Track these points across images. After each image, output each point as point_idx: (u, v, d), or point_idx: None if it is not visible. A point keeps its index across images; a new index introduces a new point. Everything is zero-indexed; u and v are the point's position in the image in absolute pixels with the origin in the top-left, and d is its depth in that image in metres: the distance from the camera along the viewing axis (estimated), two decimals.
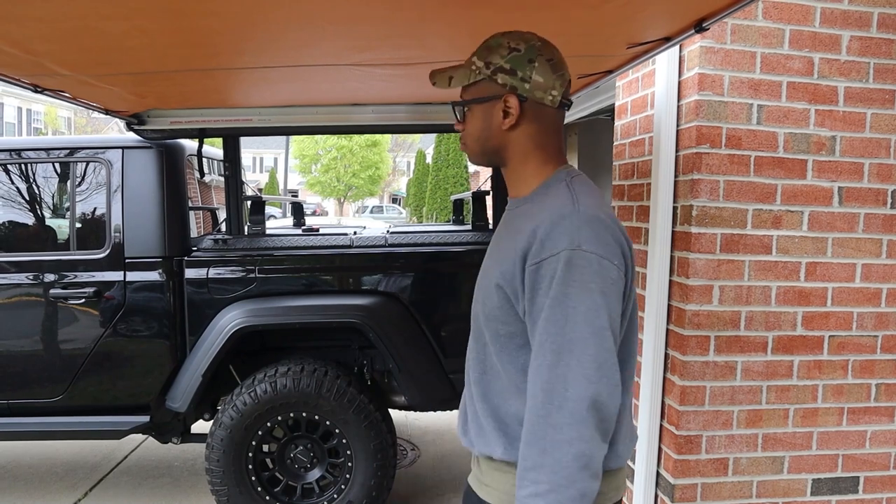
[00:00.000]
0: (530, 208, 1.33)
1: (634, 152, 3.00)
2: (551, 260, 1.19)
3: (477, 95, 1.36)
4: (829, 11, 2.53)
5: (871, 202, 2.63)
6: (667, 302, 2.69)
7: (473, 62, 1.35)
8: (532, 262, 1.22)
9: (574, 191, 1.28)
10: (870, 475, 2.76)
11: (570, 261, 1.18)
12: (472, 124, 1.39)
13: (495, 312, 1.31)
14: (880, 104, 2.59)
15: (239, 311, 3.19)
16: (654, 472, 2.78)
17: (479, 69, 1.34)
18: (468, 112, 1.39)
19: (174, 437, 3.51)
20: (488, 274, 1.37)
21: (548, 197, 1.31)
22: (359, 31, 1.93)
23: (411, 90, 2.94)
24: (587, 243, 1.19)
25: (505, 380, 1.33)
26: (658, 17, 1.88)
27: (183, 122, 3.36)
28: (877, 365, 2.71)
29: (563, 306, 1.18)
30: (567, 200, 1.26)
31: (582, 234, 1.20)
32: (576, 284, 1.18)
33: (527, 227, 1.26)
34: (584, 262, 1.18)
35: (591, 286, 1.18)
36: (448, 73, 1.38)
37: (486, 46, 1.35)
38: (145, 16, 1.72)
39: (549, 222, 1.22)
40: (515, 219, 1.37)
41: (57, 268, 3.24)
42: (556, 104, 1.34)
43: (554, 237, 1.20)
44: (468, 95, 1.38)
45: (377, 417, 3.16)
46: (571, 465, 1.16)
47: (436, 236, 3.47)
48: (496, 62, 1.32)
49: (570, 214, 1.22)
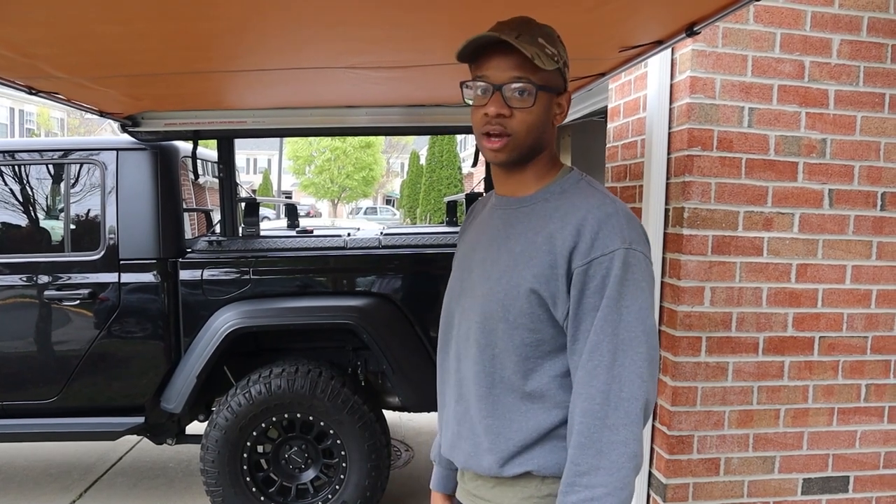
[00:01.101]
0: (546, 207, 1.27)
1: (627, 154, 3.02)
2: (603, 259, 1.16)
3: (549, 83, 1.23)
4: (819, 15, 2.55)
5: (861, 204, 2.66)
6: (659, 303, 2.71)
7: (546, 47, 1.20)
8: (582, 261, 1.17)
9: (598, 189, 1.27)
10: (860, 475, 2.79)
11: (626, 260, 1.16)
12: (535, 112, 1.22)
13: (522, 319, 1.23)
14: (870, 107, 2.62)
15: (233, 312, 3.19)
16: (647, 471, 2.79)
17: (557, 56, 1.23)
18: (537, 98, 1.22)
19: (169, 438, 3.51)
20: (505, 279, 1.26)
21: (570, 196, 1.26)
22: (352, 34, 1.94)
23: (405, 92, 2.96)
24: (636, 242, 1.18)
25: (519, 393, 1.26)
26: (650, 21, 1.90)
27: (177, 124, 3.36)
28: (867, 365, 2.74)
29: (618, 306, 1.15)
30: (604, 198, 1.23)
31: (629, 233, 1.18)
32: (630, 284, 1.16)
33: (560, 227, 1.21)
34: (635, 260, 1.17)
35: (642, 285, 1.17)
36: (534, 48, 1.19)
37: (546, 34, 1.23)
38: (142, 20, 1.73)
39: (595, 220, 1.18)
40: (523, 218, 1.29)
41: (51, 269, 3.24)
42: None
43: (604, 236, 1.16)
44: (539, 80, 1.21)
45: (371, 418, 3.18)
46: (626, 467, 1.14)
47: (429, 238, 3.48)
48: (563, 55, 1.25)
49: (615, 213, 1.19)
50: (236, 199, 3.69)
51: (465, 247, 1.44)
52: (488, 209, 1.41)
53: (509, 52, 1.19)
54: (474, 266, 1.35)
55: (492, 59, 1.21)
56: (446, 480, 1.58)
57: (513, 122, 1.22)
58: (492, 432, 1.28)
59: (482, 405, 1.30)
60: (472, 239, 1.42)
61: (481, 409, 1.30)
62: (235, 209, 3.72)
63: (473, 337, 1.30)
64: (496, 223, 1.35)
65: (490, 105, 1.21)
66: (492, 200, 1.41)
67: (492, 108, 1.21)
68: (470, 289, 1.34)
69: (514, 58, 1.19)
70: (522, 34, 1.19)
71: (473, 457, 1.32)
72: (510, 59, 1.19)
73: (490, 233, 1.35)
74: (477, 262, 1.34)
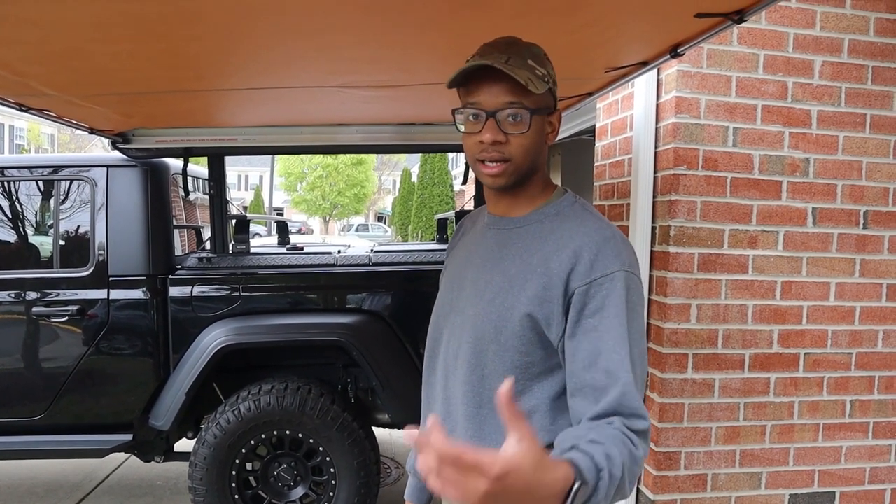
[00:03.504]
0: (541, 229, 1.26)
1: (614, 173, 3.05)
2: (603, 280, 1.15)
3: (541, 105, 1.22)
4: (801, 37, 2.60)
5: (844, 222, 2.70)
6: (646, 320, 2.73)
7: (535, 69, 1.19)
8: (581, 282, 1.15)
9: (593, 213, 1.27)
10: (845, 490, 2.81)
11: (626, 282, 1.15)
12: (531, 135, 1.21)
13: (514, 342, 1.21)
14: (852, 127, 2.67)
15: (223, 329, 3.19)
16: (635, 488, 2.80)
17: (548, 77, 1.22)
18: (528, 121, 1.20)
19: (157, 455, 3.49)
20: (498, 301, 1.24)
21: (566, 218, 1.26)
22: (341, 54, 1.96)
23: (396, 111, 2.98)
24: (633, 266, 1.19)
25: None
26: (634, 43, 1.93)
27: (168, 141, 3.37)
28: (851, 382, 2.76)
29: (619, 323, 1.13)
30: (600, 222, 1.23)
31: (629, 257, 1.19)
32: (629, 306, 1.15)
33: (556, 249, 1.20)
34: (634, 285, 1.17)
35: (639, 309, 1.18)
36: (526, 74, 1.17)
37: (535, 55, 1.22)
38: (132, 40, 1.75)
39: (594, 243, 1.18)
40: (517, 238, 1.28)
41: (40, 285, 3.23)
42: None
43: (603, 258, 1.16)
44: (531, 103, 1.19)
45: (361, 435, 3.17)
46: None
47: (419, 255, 3.50)
48: (552, 74, 1.25)
49: (613, 237, 1.19)
50: (227, 215, 3.70)
51: (456, 264, 1.42)
52: (480, 227, 1.40)
53: (500, 78, 1.17)
54: (466, 284, 1.33)
55: (482, 84, 1.19)
56: (420, 492, 1.59)
57: (510, 148, 1.20)
58: None
59: (470, 425, 1.28)
60: (462, 256, 1.40)
61: (468, 428, 1.28)
62: (226, 226, 3.73)
63: (463, 356, 1.29)
64: (489, 243, 1.33)
65: (485, 132, 1.19)
66: (484, 218, 1.39)
67: (487, 136, 1.19)
68: (460, 307, 1.32)
69: (505, 83, 1.17)
70: (512, 57, 1.17)
71: None
72: (502, 84, 1.17)
73: (482, 252, 1.33)
74: (469, 281, 1.32)
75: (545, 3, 1.57)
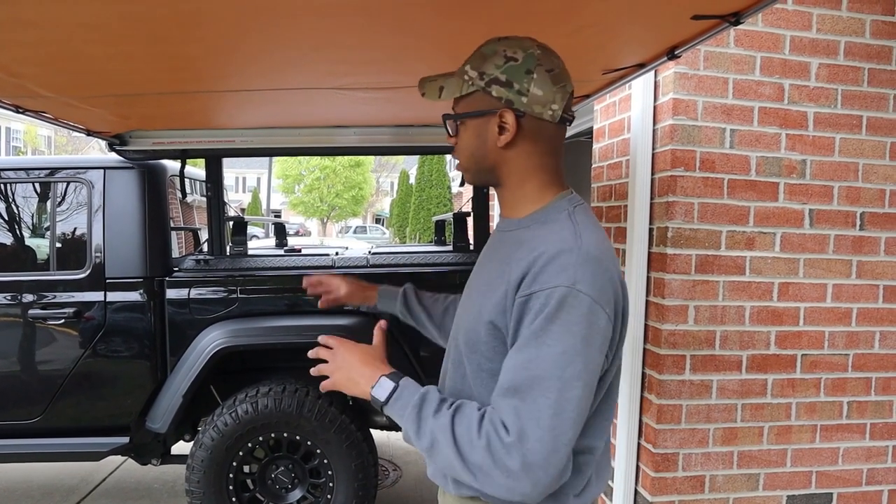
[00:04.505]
0: (524, 235, 1.23)
1: (612, 175, 3.05)
2: (541, 294, 1.09)
3: (470, 109, 1.24)
4: (798, 39, 2.61)
5: (841, 224, 2.70)
6: (644, 322, 2.74)
7: (466, 71, 1.23)
8: (523, 293, 1.12)
9: (577, 224, 1.18)
10: (843, 491, 2.81)
11: (564, 299, 1.08)
12: (465, 140, 1.27)
13: (481, 347, 1.21)
14: (848, 129, 2.67)
15: (220, 331, 3.19)
16: (633, 489, 2.80)
17: (473, 80, 1.21)
18: (461, 126, 1.27)
19: (154, 458, 3.48)
20: (475, 305, 1.26)
21: (546, 226, 1.21)
22: (337, 56, 1.96)
23: (394, 113, 2.98)
24: (583, 284, 1.09)
25: None
26: (631, 45, 1.93)
27: (165, 143, 3.36)
28: (848, 383, 2.77)
29: (538, 342, 1.08)
30: (569, 234, 1.16)
31: (580, 273, 1.10)
32: (559, 324, 1.08)
33: (520, 257, 1.17)
34: (576, 302, 1.08)
35: (573, 329, 1.08)
36: (439, 83, 1.26)
37: (481, 54, 1.23)
38: (129, 41, 1.75)
39: (547, 255, 1.12)
40: (506, 243, 1.27)
41: (36, 288, 3.22)
42: (556, 119, 1.22)
43: (550, 271, 1.10)
44: (461, 108, 1.25)
45: (358, 437, 3.16)
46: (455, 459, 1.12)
47: (416, 257, 3.50)
48: (491, 72, 1.20)
49: (571, 250, 1.12)
50: (224, 217, 3.70)
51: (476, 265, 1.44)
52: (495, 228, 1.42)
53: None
54: (470, 285, 1.38)
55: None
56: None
57: (456, 151, 1.31)
58: None
59: None
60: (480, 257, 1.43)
61: None
62: (223, 228, 3.72)
63: (452, 356, 1.34)
64: (492, 244, 1.36)
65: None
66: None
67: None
68: (461, 308, 1.37)
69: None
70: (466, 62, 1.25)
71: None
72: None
73: (485, 254, 1.37)
74: (471, 284, 1.37)
75: (542, 5, 1.57)
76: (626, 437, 2.78)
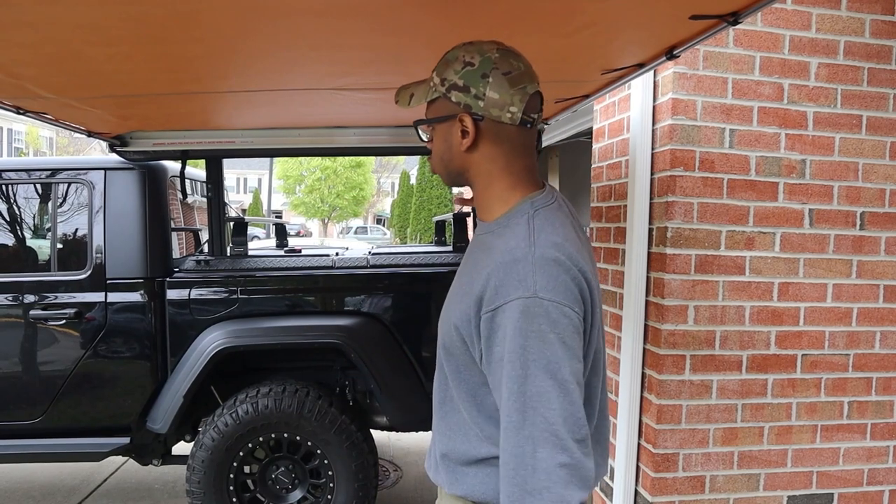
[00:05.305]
0: (491, 240, 1.24)
1: (611, 175, 3.05)
2: (505, 308, 1.10)
3: (436, 114, 1.28)
4: (797, 39, 2.61)
5: (841, 224, 2.70)
6: (643, 322, 2.73)
7: (432, 78, 1.27)
8: (487, 309, 1.13)
9: (533, 228, 1.18)
10: (843, 491, 2.81)
11: (527, 310, 1.08)
12: (436, 144, 1.30)
13: (454, 350, 1.24)
14: (848, 129, 2.67)
15: (220, 332, 3.19)
16: (633, 490, 2.80)
17: (436, 86, 1.25)
18: (433, 132, 1.31)
19: (155, 458, 3.48)
20: (450, 308, 1.29)
21: (506, 232, 1.21)
22: (335, 57, 1.97)
23: (393, 113, 2.98)
24: (543, 290, 1.09)
25: (460, 416, 1.28)
26: (630, 45, 1.94)
27: (166, 144, 3.37)
28: (849, 383, 2.76)
29: (522, 360, 1.08)
30: (522, 241, 1.16)
31: (537, 280, 1.10)
32: (534, 336, 1.08)
33: (483, 265, 1.18)
34: (541, 310, 1.08)
35: (549, 337, 1.08)
36: (410, 90, 1.33)
37: (445, 60, 1.26)
38: (129, 42, 1.75)
39: (501, 267, 1.13)
40: (479, 247, 1.29)
41: (37, 289, 3.23)
42: (516, 122, 1.21)
43: (507, 283, 1.11)
44: (430, 114, 1.30)
45: (359, 438, 3.17)
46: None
47: (417, 257, 3.50)
48: (451, 78, 1.22)
49: (523, 258, 1.12)
50: (224, 218, 3.70)
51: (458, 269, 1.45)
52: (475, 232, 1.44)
53: None
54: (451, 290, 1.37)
55: None
56: None
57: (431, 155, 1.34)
58: (441, 447, 1.34)
59: (437, 419, 1.37)
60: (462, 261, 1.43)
61: (437, 423, 1.38)
62: (224, 228, 3.73)
63: (438, 354, 1.36)
64: (470, 248, 1.38)
65: None
66: None
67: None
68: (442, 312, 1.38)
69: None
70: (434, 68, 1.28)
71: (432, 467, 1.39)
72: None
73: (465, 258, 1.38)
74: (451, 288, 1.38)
75: (542, 6, 1.57)
76: (626, 438, 2.78)
